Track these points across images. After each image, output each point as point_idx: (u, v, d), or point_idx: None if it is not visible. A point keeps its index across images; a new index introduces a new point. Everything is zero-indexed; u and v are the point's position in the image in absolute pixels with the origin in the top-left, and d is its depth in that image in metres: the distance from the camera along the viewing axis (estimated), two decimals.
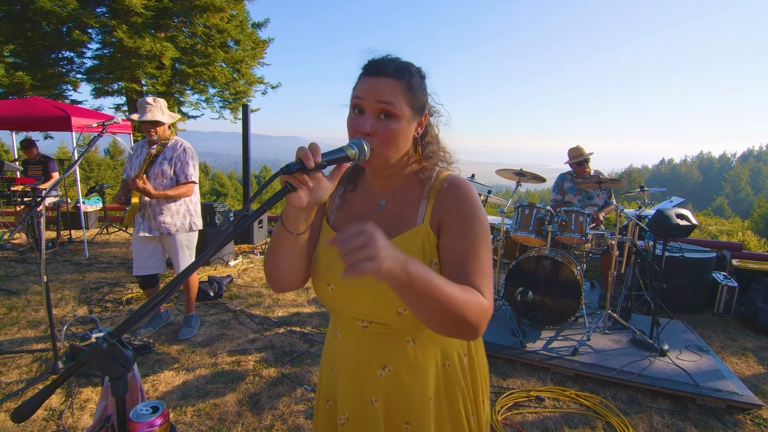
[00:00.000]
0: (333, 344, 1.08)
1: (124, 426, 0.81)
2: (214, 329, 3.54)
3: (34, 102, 5.79)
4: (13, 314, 3.70)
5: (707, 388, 2.68)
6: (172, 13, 11.66)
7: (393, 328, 0.96)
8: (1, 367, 2.82)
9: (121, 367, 0.80)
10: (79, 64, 12.20)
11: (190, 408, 2.48)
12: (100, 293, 4.29)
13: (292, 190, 0.82)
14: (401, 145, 0.93)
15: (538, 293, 3.44)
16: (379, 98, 0.88)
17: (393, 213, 0.99)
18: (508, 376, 2.93)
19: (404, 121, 0.91)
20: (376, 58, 0.94)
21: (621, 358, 3.06)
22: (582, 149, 4.23)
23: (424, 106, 0.96)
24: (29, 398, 0.78)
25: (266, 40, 13.92)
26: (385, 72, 0.90)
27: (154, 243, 3.20)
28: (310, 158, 0.78)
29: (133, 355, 0.83)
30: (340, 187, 1.10)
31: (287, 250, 0.93)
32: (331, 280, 0.99)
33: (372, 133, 0.89)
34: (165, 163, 3.04)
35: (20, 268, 5.02)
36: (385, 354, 0.98)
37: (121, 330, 0.80)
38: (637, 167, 66.61)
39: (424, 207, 0.96)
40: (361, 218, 1.01)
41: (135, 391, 0.89)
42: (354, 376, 1.02)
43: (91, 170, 25.00)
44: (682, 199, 3.98)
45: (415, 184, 0.99)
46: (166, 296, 0.80)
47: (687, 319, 4.03)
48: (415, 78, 0.94)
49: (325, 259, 1.01)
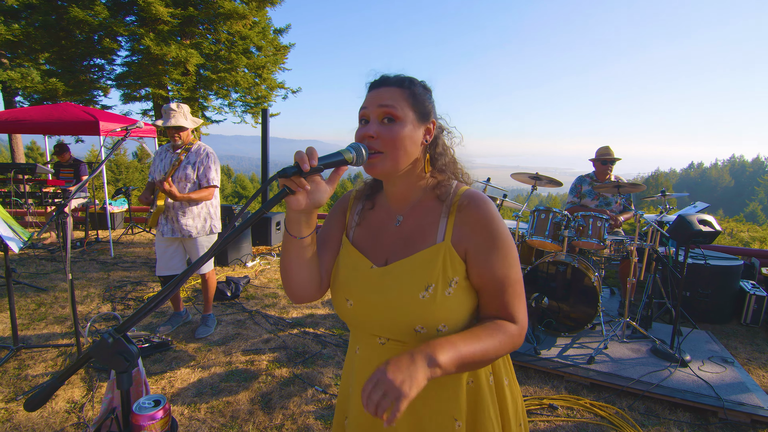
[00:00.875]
0: (352, 360, 1.07)
1: (127, 418, 0.85)
2: (230, 329, 3.61)
3: (65, 107, 6.06)
4: (42, 310, 3.87)
5: (730, 401, 2.58)
6: (197, 20, 12.02)
7: (411, 345, 0.93)
8: (28, 361, 2.95)
9: (125, 361, 0.84)
10: (109, 70, 12.71)
11: (204, 405, 2.54)
12: (123, 291, 4.44)
13: (290, 193, 0.85)
14: (409, 149, 0.92)
15: (554, 299, 3.39)
16: (380, 103, 0.91)
17: (411, 229, 0.98)
18: (520, 383, 2.88)
19: (408, 123, 0.92)
20: (378, 74, 0.99)
21: (639, 367, 2.98)
22: (611, 150, 4.15)
23: (429, 112, 0.97)
24: (40, 389, 0.83)
25: (287, 45, 14.19)
26: (387, 83, 0.95)
27: (176, 245, 3.30)
28: (306, 162, 0.80)
29: (137, 351, 0.87)
30: (359, 204, 1.10)
31: (294, 255, 0.94)
32: (349, 295, 0.99)
33: (376, 137, 0.90)
34: (188, 167, 3.13)
35: (50, 266, 5.24)
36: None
37: (126, 326, 0.84)
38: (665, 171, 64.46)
39: (444, 224, 0.95)
40: (380, 234, 1.02)
41: (139, 385, 0.93)
42: None
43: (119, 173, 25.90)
44: (706, 204, 3.84)
45: (432, 199, 0.99)
46: (167, 296, 0.84)
47: (712, 329, 3.88)
48: (417, 87, 0.97)
49: (344, 273, 1.01)
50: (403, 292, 0.91)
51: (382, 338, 0.97)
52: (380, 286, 0.94)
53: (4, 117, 5.72)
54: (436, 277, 0.90)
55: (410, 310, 0.90)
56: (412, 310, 0.90)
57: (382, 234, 1.02)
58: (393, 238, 1.00)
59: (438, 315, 0.90)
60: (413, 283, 0.91)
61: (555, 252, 3.68)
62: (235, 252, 5.48)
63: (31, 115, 5.80)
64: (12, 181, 5.13)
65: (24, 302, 4.02)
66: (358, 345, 1.05)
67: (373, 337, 0.99)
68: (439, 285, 0.90)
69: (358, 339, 1.05)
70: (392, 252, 0.98)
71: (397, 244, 0.98)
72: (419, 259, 0.93)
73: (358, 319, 1.00)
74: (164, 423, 0.86)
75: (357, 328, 1.03)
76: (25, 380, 2.71)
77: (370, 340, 1.00)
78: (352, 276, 0.99)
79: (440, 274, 0.91)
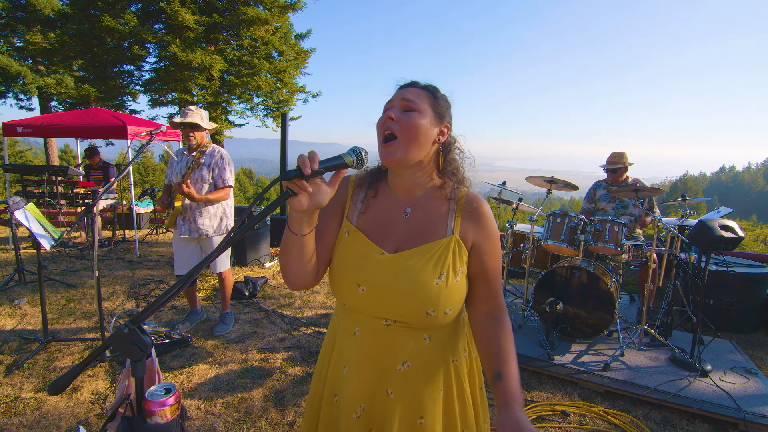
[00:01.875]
0: (349, 342, 1.11)
1: (140, 403, 0.91)
2: (247, 327, 3.71)
3: (95, 112, 6.35)
4: (71, 306, 4.06)
5: (752, 414, 2.49)
6: (221, 27, 12.36)
7: (418, 327, 1.06)
8: (57, 353, 3.10)
9: (139, 350, 0.90)
10: (138, 76, 13.19)
11: (219, 400, 2.62)
12: (147, 289, 4.60)
13: (292, 195, 0.90)
14: (421, 139, 1.01)
15: (569, 305, 3.34)
16: (404, 96, 1.03)
17: (421, 221, 1.08)
18: (533, 389, 2.86)
19: (426, 117, 1.02)
20: (409, 80, 1.11)
21: (657, 376, 2.91)
22: (622, 157, 4.06)
23: (445, 115, 1.08)
24: (62, 375, 0.89)
25: (308, 50, 14.42)
26: (413, 84, 1.09)
27: (194, 244, 3.41)
28: (308, 165, 0.85)
29: (150, 341, 0.92)
30: (361, 192, 1.15)
31: (295, 250, 0.99)
32: (361, 281, 1.04)
33: (396, 120, 1.00)
34: (204, 169, 3.24)
35: (79, 264, 5.48)
36: (405, 350, 1.06)
37: (140, 318, 0.90)
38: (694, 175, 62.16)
39: (452, 220, 1.07)
40: (387, 223, 1.10)
41: (152, 374, 0.99)
42: (372, 370, 1.07)
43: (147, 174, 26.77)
44: (730, 209, 3.72)
45: (439, 197, 1.10)
46: (178, 290, 0.90)
47: (736, 338, 3.75)
48: (439, 93, 1.09)
49: (353, 260, 1.06)
50: (420, 278, 1.00)
51: (388, 320, 1.05)
52: (395, 271, 1.02)
53: (39, 122, 6.03)
54: (447, 266, 1.02)
55: (425, 295, 1.00)
56: (426, 295, 1.00)
57: (390, 223, 1.10)
58: (402, 228, 1.09)
59: (447, 300, 1.02)
60: (429, 271, 1.01)
61: (571, 257, 3.64)
62: (254, 252, 5.60)
63: (64, 120, 6.09)
64: (45, 182, 5.39)
65: (54, 298, 4.23)
66: (358, 327, 1.10)
67: (377, 319, 1.06)
68: (450, 273, 1.02)
69: (358, 321, 1.10)
70: (402, 241, 1.07)
71: (408, 234, 1.08)
72: (433, 249, 1.03)
73: (366, 304, 1.06)
74: (174, 409, 0.91)
75: (361, 311, 1.08)
76: (53, 372, 2.86)
77: (373, 323, 1.07)
78: (363, 262, 1.05)
79: (451, 264, 1.02)
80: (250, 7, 11.89)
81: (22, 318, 3.73)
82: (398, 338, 1.06)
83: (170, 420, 0.91)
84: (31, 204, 3.03)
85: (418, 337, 1.06)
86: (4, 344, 3.23)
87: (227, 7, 12.11)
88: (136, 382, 0.92)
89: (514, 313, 3.91)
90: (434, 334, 1.07)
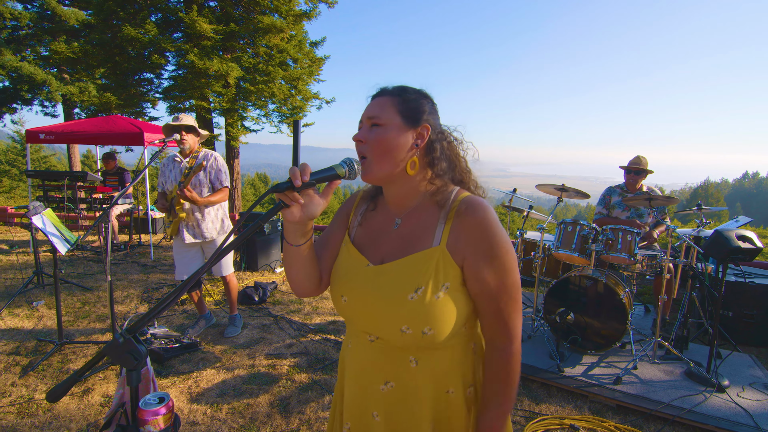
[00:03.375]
0: (345, 354, 1.13)
1: (134, 412, 0.92)
2: (256, 332, 3.73)
3: (114, 120, 6.54)
4: (86, 308, 4.15)
5: None
6: (238, 35, 12.59)
7: (396, 345, 0.98)
8: (71, 356, 3.18)
9: (134, 360, 0.91)
10: (157, 84, 13.52)
11: (225, 405, 2.64)
12: (160, 293, 4.68)
13: (285, 206, 0.91)
14: (394, 153, 0.95)
15: (580, 315, 3.28)
16: (368, 114, 0.98)
17: (408, 232, 1.01)
18: (541, 401, 2.80)
19: (392, 129, 0.95)
20: (378, 88, 1.04)
21: (671, 391, 2.82)
22: (644, 160, 3.99)
23: (419, 117, 0.98)
24: (61, 382, 0.91)
25: (322, 57, 14.57)
26: (381, 93, 1.01)
27: (196, 249, 3.47)
28: (299, 177, 0.86)
29: (145, 351, 0.94)
30: (363, 205, 1.15)
31: (293, 260, 1.01)
32: (344, 292, 1.03)
33: (364, 141, 0.97)
34: (201, 173, 3.31)
35: (96, 267, 5.61)
36: (388, 370, 1.00)
37: (135, 328, 0.91)
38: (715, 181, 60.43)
39: (441, 228, 0.96)
40: (378, 235, 1.06)
41: (147, 383, 1.00)
42: (359, 388, 1.06)
43: None
44: (749, 219, 3.60)
45: (432, 204, 1.01)
46: (174, 299, 0.91)
47: (756, 352, 3.62)
48: (409, 94, 1.00)
49: (342, 271, 1.06)
50: (393, 291, 0.94)
51: (371, 336, 1.02)
52: (373, 284, 0.98)
53: (61, 129, 6.24)
54: (426, 279, 0.92)
55: (397, 309, 0.93)
56: (399, 309, 0.93)
57: (381, 235, 1.06)
58: (391, 240, 1.03)
59: (424, 317, 0.91)
60: (403, 284, 0.94)
61: (582, 266, 3.57)
62: (264, 258, 5.65)
63: (85, 127, 6.29)
64: (65, 187, 5.56)
65: (71, 300, 4.33)
66: (351, 340, 1.10)
67: (364, 334, 1.03)
68: (429, 288, 0.92)
69: (351, 334, 1.10)
70: (389, 252, 1.01)
71: (395, 246, 1.02)
72: (412, 261, 0.95)
73: (351, 315, 1.05)
74: (167, 419, 0.92)
75: (350, 323, 1.08)
76: (66, 374, 2.92)
77: (361, 337, 1.05)
78: (348, 274, 1.04)
79: (431, 277, 0.92)
80: (266, 16, 12.09)
81: (39, 320, 3.84)
82: (382, 355, 1.01)
83: (163, 429, 0.92)
84: (49, 209, 3.12)
85: (402, 357, 0.98)
86: (21, 345, 3.32)
87: (243, 16, 12.34)
88: (131, 391, 0.94)
89: (524, 323, 3.85)
90: (422, 358, 0.97)
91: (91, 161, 24.77)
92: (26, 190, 17.42)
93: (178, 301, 4.44)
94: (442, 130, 1.03)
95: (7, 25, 12.25)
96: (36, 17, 12.26)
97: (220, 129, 14.13)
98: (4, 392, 2.68)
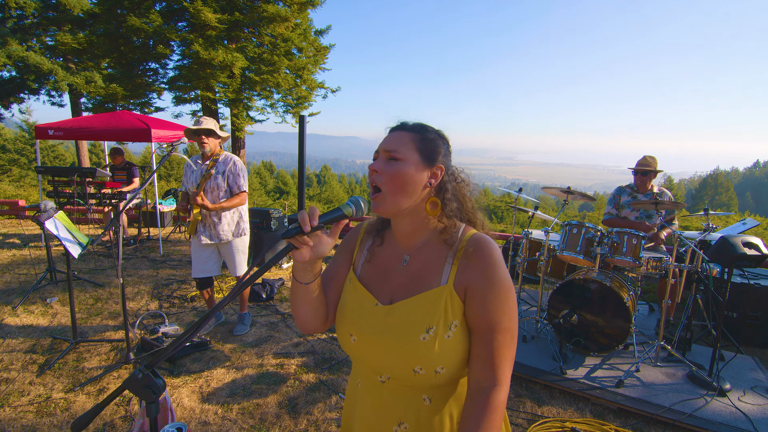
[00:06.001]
0: (354, 392, 1.12)
1: None
2: (264, 330, 3.81)
3: (121, 115, 6.57)
4: (98, 305, 4.25)
5: None
6: (242, 24, 12.49)
7: (409, 385, 0.98)
8: (85, 354, 3.27)
9: (153, 394, 0.96)
10: (163, 74, 13.51)
11: (236, 405, 2.73)
12: (170, 290, 4.77)
13: (294, 248, 0.94)
14: (409, 189, 0.97)
15: (584, 317, 3.31)
16: (386, 147, 1.00)
17: (417, 270, 1.02)
18: (543, 403, 2.86)
19: (410, 165, 0.98)
20: (399, 121, 1.07)
21: (672, 394, 2.87)
22: (653, 160, 3.98)
23: (435, 157, 1.01)
24: (85, 413, 0.96)
25: (327, 46, 14.43)
26: (402, 128, 1.04)
27: (212, 249, 3.54)
28: (307, 223, 0.89)
29: (163, 384, 0.98)
30: (369, 239, 1.14)
31: (300, 297, 1.03)
32: (353, 331, 1.03)
33: (379, 172, 0.98)
34: (219, 177, 3.35)
35: (107, 262, 5.72)
36: (401, 410, 1.00)
37: (153, 363, 0.96)
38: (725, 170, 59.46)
39: (449, 268, 0.98)
40: (387, 272, 1.06)
41: (166, 412, 1.05)
42: (371, 429, 1.05)
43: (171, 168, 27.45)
44: (757, 223, 3.58)
45: (440, 242, 1.02)
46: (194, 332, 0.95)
47: (761, 354, 3.64)
48: (428, 133, 1.03)
49: (350, 309, 1.06)
50: (405, 332, 0.95)
51: (382, 376, 1.01)
52: (383, 324, 0.99)
53: (69, 125, 6.29)
54: (437, 319, 0.93)
55: (410, 350, 0.94)
56: (412, 351, 0.94)
57: (389, 272, 1.06)
58: (399, 277, 1.04)
59: (437, 357, 0.93)
60: (415, 324, 0.95)
61: (587, 268, 3.59)
62: (271, 255, 5.72)
63: (93, 123, 6.34)
64: (75, 183, 5.63)
65: (83, 297, 4.43)
66: (360, 378, 1.09)
67: (374, 374, 1.03)
68: (440, 328, 0.93)
69: (360, 373, 1.09)
70: (397, 291, 1.02)
71: (403, 284, 1.02)
72: (422, 301, 0.96)
73: (360, 355, 1.04)
74: None
75: (359, 362, 1.08)
76: (82, 372, 3.02)
77: (371, 377, 1.04)
78: (357, 312, 1.04)
79: (441, 317, 0.94)
80: (271, 5, 11.97)
81: (53, 317, 3.94)
82: (394, 396, 1.01)
83: None
84: (61, 212, 3.18)
85: (415, 396, 0.99)
86: (37, 343, 3.42)
87: (248, 5, 12.22)
88: (150, 422, 0.99)
89: (528, 324, 3.89)
90: (435, 395, 0.98)
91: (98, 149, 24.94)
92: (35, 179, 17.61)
93: (188, 297, 4.53)
94: (453, 171, 1.06)
95: (12, 14, 12.22)
96: (41, 6, 12.21)
97: (226, 120, 14.17)
98: (22, 391, 2.78)
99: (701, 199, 34.29)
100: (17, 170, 21.02)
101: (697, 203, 32.33)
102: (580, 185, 32.58)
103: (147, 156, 26.82)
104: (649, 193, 3.96)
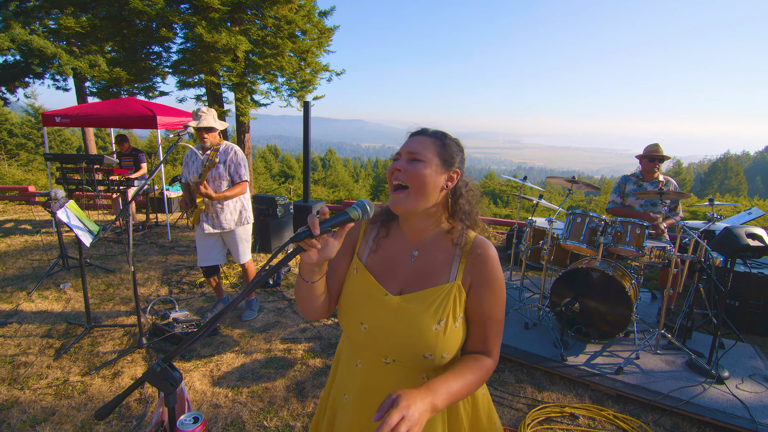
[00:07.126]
0: (352, 372, 1.18)
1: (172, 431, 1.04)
2: (271, 316, 3.90)
3: (126, 102, 6.59)
4: (110, 291, 4.36)
5: (765, 426, 2.49)
6: (245, 6, 12.32)
7: (414, 368, 1.09)
8: (99, 338, 3.38)
9: (170, 386, 1.03)
10: (166, 58, 13.41)
11: (245, 389, 2.82)
12: (179, 275, 4.87)
13: (303, 251, 0.98)
14: (429, 189, 1.07)
15: (586, 305, 3.36)
16: (409, 149, 1.09)
17: (426, 265, 1.12)
18: (544, 389, 2.93)
19: (431, 166, 1.07)
20: (419, 127, 1.16)
21: (671, 381, 2.93)
22: (659, 147, 3.97)
23: (453, 162, 1.11)
24: (107, 403, 1.03)
25: (332, 27, 14.22)
26: (423, 133, 1.14)
27: (216, 238, 3.60)
28: (317, 227, 0.94)
29: (179, 376, 1.04)
30: (373, 231, 1.22)
31: (306, 294, 1.10)
32: (364, 319, 1.11)
33: (402, 171, 1.07)
34: (221, 167, 3.39)
35: (117, 248, 5.82)
36: (402, 387, 1.07)
37: (170, 357, 1.02)
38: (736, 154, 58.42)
39: (456, 265, 1.10)
40: (394, 264, 1.15)
41: (182, 401, 1.11)
42: (370, 404, 1.12)
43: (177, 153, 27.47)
44: (762, 212, 3.58)
45: (447, 242, 1.13)
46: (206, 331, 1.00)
47: (761, 342, 3.69)
48: (448, 140, 1.12)
49: (358, 298, 1.14)
50: (419, 323, 1.05)
51: (387, 359, 1.11)
52: (396, 314, 1.08)
53: (76, 112, 6.32)
54: (447, 312, 1.06)
55: (424, 339, 1.04)
56: (425, 339, 1.04)
57: (397, 264, 1.15)
58: (408, 271, 1.13)
59: (445, 345, 1.05)
60: (429, 316, 1.05)
61: (590, 257, 3.62)
62: (278, 240, 5.79)
63: (99, 110, 6.36)
64: (83, 170, 5.70)
65: (95, 282, 4.54)
66: (360, 360, 1.16)
67: (378, 356, 1.12)
68: (450, 319, 1.06)
69: (360, 354, 1.16)
70: (406, 283, 1.12)
71: (412, 277, 1.12)
72: (433, 294, 1.07)
73: (369, 342, 1.12)
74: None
75: (363, 348, 1.15)
76: (96, 356, 3.13)
77: (374, 359, 1.13)
78: (367, 302, 1.12)
79: (451, 310, 1.06)
80: None
81: (67, 302, 4.05)
82: (396, 376, 1.10)
83: None
84: (72, 201, 3.24)
85: (416, 376, 1.09)
86: (53, 328, 3.53)
87: None
88: (168, 412, 1.05)
89: (530, 311, 3.95)
90: (433, 375, 1.09)
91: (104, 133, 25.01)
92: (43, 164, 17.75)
93: (197, 283, 4.63)
94: (465, 178, 1.16)
95: None
96: None
97: (230, 104, 14.11)
98: (41, 374, 2.90)
99: (710, 183, 33.84)
100: (25, 155, 21.15)
101: (706, 188, 31.91)
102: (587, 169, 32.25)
103: (153, 140, 26.86)
104: (655, 181, 3.95)
